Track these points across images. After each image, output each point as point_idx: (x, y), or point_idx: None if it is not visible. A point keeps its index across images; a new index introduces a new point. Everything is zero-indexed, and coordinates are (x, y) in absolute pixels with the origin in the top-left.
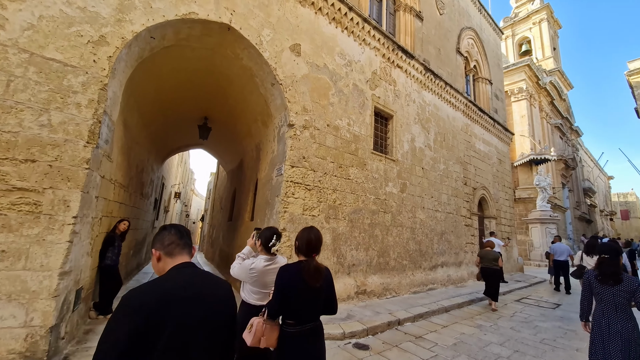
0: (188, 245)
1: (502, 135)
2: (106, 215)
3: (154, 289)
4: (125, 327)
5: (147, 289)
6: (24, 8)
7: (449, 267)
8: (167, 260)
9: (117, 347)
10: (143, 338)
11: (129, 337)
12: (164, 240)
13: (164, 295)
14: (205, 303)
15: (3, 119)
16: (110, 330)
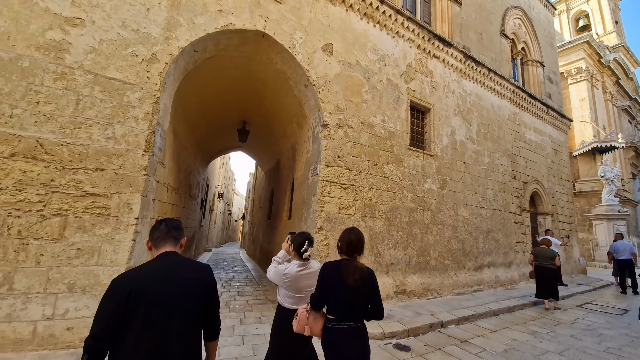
0: (174, 238)
1: (558, 122)
2: (161, 216)
3: (133, 275)
4: (109, 305)
5: (128, 275)
6: (85, 33)
7: (497, 268)
8: (153, 250)
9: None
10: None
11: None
12: (153, 234)
13: (139, 281)
14: (175, 285)
15: (76, 133)
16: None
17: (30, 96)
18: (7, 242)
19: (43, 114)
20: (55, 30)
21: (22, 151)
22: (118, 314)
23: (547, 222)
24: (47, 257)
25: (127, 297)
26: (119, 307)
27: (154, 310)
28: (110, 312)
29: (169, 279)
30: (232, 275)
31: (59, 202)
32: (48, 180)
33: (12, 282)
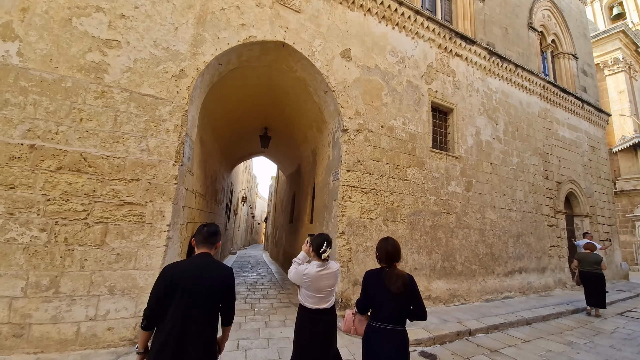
0: (209, 243)
1: (594, 117)
2: (190, 222)
3: (177, 265)
4: (158, 285)
5: (173, 265)
6: (121, 54)
7: (529, 274)
8: (196, 248)
9: (154, 295)
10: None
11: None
12: (197, 236)
13: (179, 271)
14: (201, 278)
15: (114, 147)
16: (154, 285)
17: (74, 114)
18: (54, 249)
19: (86, 130)
20: (94, 52)
21: (68, 165)
22: (164, 291)
23: (585, 224)
24: (90, 261)
25: (170, 281)
26: (165, 287)
27: (184, 296)
28: (159, 290)
29: (200, 275)
30: (257, 278)
31: (100, 211)
32: (91, 190)
33: (58, 286)
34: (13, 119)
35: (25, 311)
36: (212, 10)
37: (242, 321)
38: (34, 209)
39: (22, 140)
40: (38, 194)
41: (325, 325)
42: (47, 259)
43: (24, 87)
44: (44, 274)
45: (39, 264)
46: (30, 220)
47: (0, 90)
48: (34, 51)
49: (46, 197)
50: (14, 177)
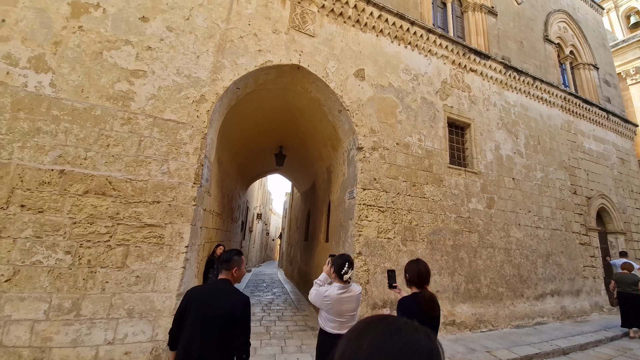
0: (225, 269)
1: (621, 128)
2: (207, 242)
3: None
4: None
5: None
6: (147, 82)
7: (563, 297)
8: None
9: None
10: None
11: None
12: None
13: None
14: (211, 304)
15: (137, 170)
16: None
17: (102, 140)
18: (77, 271)
19: (112, 154)
20: (122, 82)
21: (94, 188)
22: (181, 313)
23: (620, 242)
24: (111, 284)
25: (186, 304)
26: (182, 309)
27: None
28: (178, 313)
29: (211, 301)
30: (272, 298)
31: (122, 233)
32: (114, 213)
33: (80, 309)
34: (45, 146)
35: (46, 334)
36: (231, 39)
37: (258, 345)
38: (61, 232)
39: (52, 166)
40: (65, 217)
41: None
42: (71, 281)
43: (55, 116)
44: (67, 296)
45: (63, 287)
46: (56, 243)
47: (33, 119)
48: (66, 82)
49: (72, 220)
50: (43, 202)
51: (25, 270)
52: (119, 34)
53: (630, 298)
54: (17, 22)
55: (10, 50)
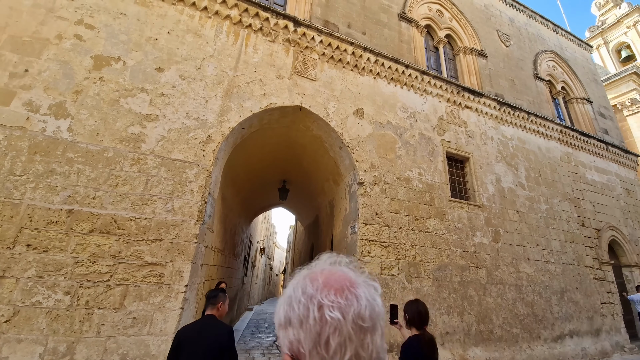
0: (211, 304)
1: (622, 158)
2: (207, 279)
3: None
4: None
5: (182, 329)
6: (158, 125)
7: (582, 338)
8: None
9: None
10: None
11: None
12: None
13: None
14: (200, 339)
15: (143, 209)
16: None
17: (111, 180)
18: (75, 313)
19: (120, 194)
20: (135, 126)
21: (100, 227)
22: (174, 351)
23: (635, 275)
24: (107, 326)
25: (178, 342)
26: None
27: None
28: (171, 350)
29: (199, 336)
30: (273, 340)
31: (123, 272)
32: (117, 252)
33: (74, 353)
34: (57, 186)
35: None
36: (238, 84)
37: None
38: (62, 272)
39: (62, 206)
40: (68, 257)
41: None
42: (67, 323)
43: (70, 158)
44: (62, 339)
45: (59, 329)
46: (57, 283)
47: (48, 161)
48: (83, 127)
49: (75, 260)
50: (49, 241)
51: (24, 311)
52: (136, 83)
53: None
54: (40, 73)
55: (32, 97)
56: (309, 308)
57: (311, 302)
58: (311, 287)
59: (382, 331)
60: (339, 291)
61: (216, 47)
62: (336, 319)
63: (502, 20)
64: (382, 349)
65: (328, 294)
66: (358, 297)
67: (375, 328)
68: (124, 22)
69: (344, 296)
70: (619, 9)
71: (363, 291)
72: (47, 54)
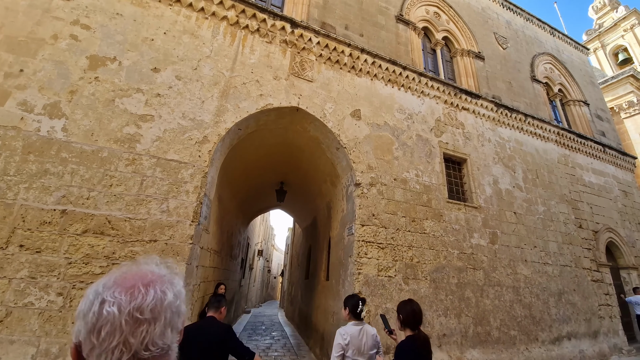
0: (214, 307)
1: (619, 160)
2: (203, 281)
3: (191, 326)
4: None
5: (189, 326)
6: (153, 126)
7: (580, 340)
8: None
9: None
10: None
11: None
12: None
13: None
14: (203, 338)
15: (137, 209)
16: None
17: (106, 180)
18: (67, 314)
19: (114, 194)
20: (130, 126)
21: (93, 228)
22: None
23: (633, 277)
24: None
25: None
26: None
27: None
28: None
29: (202, 333)
30: (270, 343)
31: None
32: (110, 253)
33: (66, 355)
34: (50, 186)
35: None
36: (235, 85)
37: None
38: (55, 273)
39: (55, 206)
40: (61, 257)
41: None
42: (60, 325)
43: (64, 158)
44: (55, 341)
45: (51, 330)
46: (49, 284)
47: (42, 161)
48: (77, 127)
49: (68, 261)
50: (42, 241)
51: (17, 312)
52: (132, 83)
53: None
54: (36, 73)
55: (26, 97)
56: (93, 303)
57: (96, 299)
58: (102, 285)
59: (170, 321)
60: (126, 289)
61: (213, 48)
62: (111, 313)
63: (499, 23)
64: (162, 336)
65: (114, 292)
66: (146, 293)
67: (157, 319)
68: (120, 23)
69: (129, 293)
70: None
71: (156, 287)
72: (43, 54)
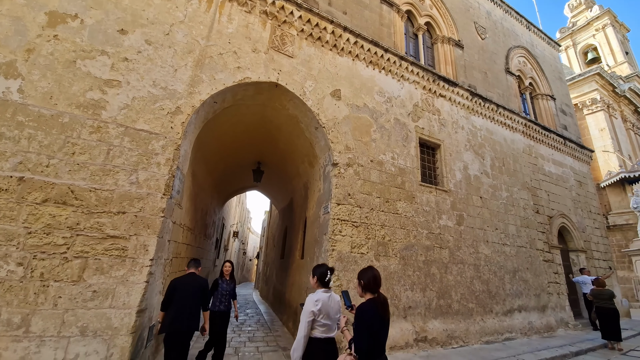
0: (195, 266)
1: (578, 153)
2: (175, 257)
3: (177, 280)
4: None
5: (175, 280)
6: (120, 92)
7: (530, 313)
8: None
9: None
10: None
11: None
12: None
13: (175, 282)
14: (188, 284)
15: (104, 180)
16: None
17: (67, 147)
18: (29, 284)
19: (77, 163)
20: (94, 91)
21: (54, 197)
22: (171, 291)
23: (581, 259)
24: (64, 299)
25: (172, 288)
26: (171, 289)
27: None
28: (168, 294)
29: (187, 283)
30: (244, 319)
31: (81, 245)
32: (74, 223)
33: (29, 325)
34: (5, 152)
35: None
36: (211, 55)
37: None
38: (14, 242)
39: (11, 173)
40: (20, 227)
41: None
42: (21, 295)
43: (20, 122)
44: (17, 311)
45: (12, 300)
46: (8, 253)
47: None
48: (35, 89)
49: (27, 230)
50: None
51: None
52: (95, 44)
53: (608, 312)
54: None
55: None
56: None
57: None
58: None
59: None
60: None
61: (187, 12)
62: None
63: (479, 13)
64: None
65: None
66: None
67: None
68: None
69: None
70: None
71: None
72: (0, 9)
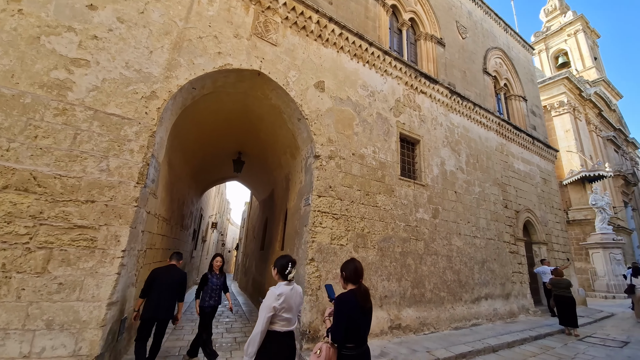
0: (176, 259)
1: (544, 152)
2: (150, 248)
3: (157, 269)
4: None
5: (156, 270)
6: (89, 73)
7: (495, 300)
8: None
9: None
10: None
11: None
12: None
13: (156, 272)
14: (168, 278)
15: (70, 166)
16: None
17: (29, 130)
18: None
19: (40, 147)
20: (60, 70)
21: (15, 184)
22: (150, 281)
23: (543, 251)
24: (28, 291)
25: (153, 277)
26: (151, 279)
27: (157, 285)
28: (148, 280)
29: (167, 275)
30: (222, 310)
31: (45, 235)
32: (37, 212)
33: None
34: None
35: None
36: (189, 38)
37: (202, 357)
38: None
39: None
40: None
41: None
42: None
43: None
44: None
45: None
46: None
47: None
48: None
49: None
50: None
51: None
52: (62, 20)
53: (566, 300)
54: None
55: None
56: None
57: None
58: None
59: None
60: None
61: None
62: None
63: (461, 12)
64: None
65: None
66: None
67: None
68: None
69: None
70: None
71: None
72: None
